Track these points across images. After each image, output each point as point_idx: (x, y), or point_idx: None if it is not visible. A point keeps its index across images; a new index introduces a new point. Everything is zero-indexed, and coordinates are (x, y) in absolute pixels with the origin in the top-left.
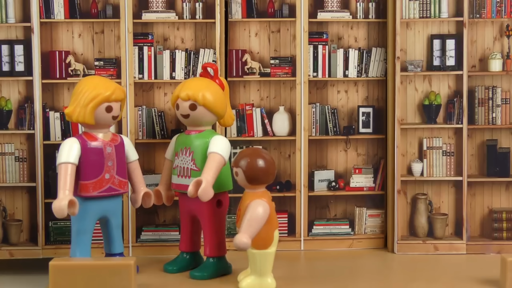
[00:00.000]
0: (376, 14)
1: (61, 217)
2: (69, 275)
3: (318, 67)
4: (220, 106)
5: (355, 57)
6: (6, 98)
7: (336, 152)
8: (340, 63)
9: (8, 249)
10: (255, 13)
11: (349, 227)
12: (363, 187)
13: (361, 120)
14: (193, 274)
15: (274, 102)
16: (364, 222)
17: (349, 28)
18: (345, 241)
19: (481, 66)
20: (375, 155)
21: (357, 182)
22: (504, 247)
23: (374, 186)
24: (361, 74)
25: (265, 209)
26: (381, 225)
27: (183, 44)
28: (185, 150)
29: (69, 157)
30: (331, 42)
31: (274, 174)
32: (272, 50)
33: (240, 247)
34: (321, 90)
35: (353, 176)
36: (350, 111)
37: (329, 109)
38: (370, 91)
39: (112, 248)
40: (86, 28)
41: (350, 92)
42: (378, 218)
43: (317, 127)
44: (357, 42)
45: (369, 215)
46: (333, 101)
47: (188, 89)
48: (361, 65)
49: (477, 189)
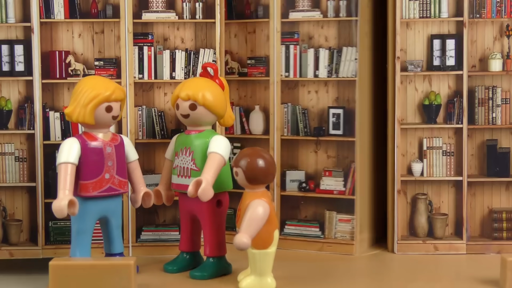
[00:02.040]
0: (347, 12)
1: (61, 217)
2: (69, 275)
3: (290, 67)
4: (220, 106)
5: (325, 57)
6: (6, 98)
7: (307, 153)
8: (311, 63)
9: (8, 249)
10: (233, 14)
11: (320, 229)
12: (333, 190)
13: (331, 122)
14: (193, 274)
15: (251, 101)
16: (334, 226)
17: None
18: (316, 244)
19: (481, 66)
20: (346, 158)
21: (328, 185)
22: (504, 247)
23: (344, 190)
24: (331, 74)
25: (265, 209)
26: (351, 231)
27: (183, 44)
28: (185, 150)
29: (69, 157)
30: (302, 42)
31: (274, 174)
32: (249, 50)
33: (240, 247)
34: (292, 90)
35: (323, 178)
36: (320, 112)
37: (300, 109)
38: (341, 91)
39: (112, 248)
40: (86, 28)
41: (320, 92)
42: (349, 223)
43: (289, 127)
44: (328, 41)
45: (339, 219)
46: (304, 101)
47: (188, 89)
48: (332, 64)
49: (477, 189)
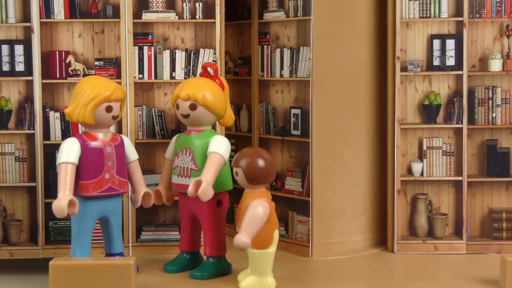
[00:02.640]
0: (303, 13)
1: (60, 217)
2: (69, 275)
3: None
4: (220, 106)
5: (288, 57)
6: (6, 98)
7: (275, 151)
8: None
9: (8, 249)
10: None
11: (285, 229)
12: (294, 191)
13: (292, 122)
14: (193, 274)
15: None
16: (295, 227)
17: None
18: (281, 243)
19: (481, 66)
20: (303, 159)
21: (290, 185)
22: (504, 247)
23: (302, 191)
24: (292, 74)
25: (265, 208)
26: (307, 233)
27: (183, 44)
28: (185, 150)
29: (69, 157)
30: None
31: (274, 174)
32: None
33: (240, 247)
34: (265, 89)
35: (287, 178)
36: (284, 112)
37: (270, 109)
38: (301, 92)
39: (112, 248)
40: (86, 28)
41: (285, 92)
42: (305, 225)
43: (264, 126)
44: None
45: (299, 220)
46: (273, 100)
47: (188, 89)
48: (293, 65)
49: (477, 189)
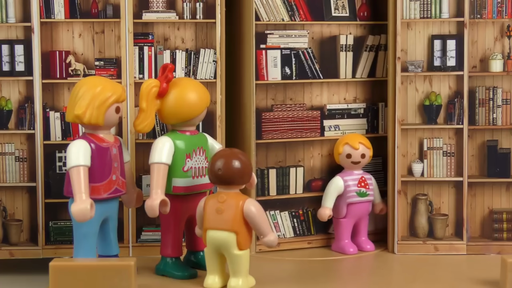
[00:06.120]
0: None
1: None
2: (69, 276)
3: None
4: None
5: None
6: (6, 98)
7: None
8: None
9: (8, 249)
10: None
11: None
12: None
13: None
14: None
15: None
16: None
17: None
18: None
19: (481, 67)
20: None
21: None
22: (505, 248)
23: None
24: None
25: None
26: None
27: (184, 44)
28: (198, 150)
29: (86, 160)
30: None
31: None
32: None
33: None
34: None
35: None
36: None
37: None
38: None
39: (110, 249)
40: (87, 28)
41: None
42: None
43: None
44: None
45: None
46: None
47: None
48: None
49: (478, 190)
